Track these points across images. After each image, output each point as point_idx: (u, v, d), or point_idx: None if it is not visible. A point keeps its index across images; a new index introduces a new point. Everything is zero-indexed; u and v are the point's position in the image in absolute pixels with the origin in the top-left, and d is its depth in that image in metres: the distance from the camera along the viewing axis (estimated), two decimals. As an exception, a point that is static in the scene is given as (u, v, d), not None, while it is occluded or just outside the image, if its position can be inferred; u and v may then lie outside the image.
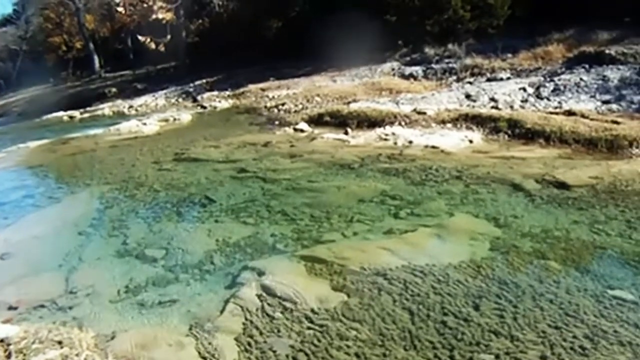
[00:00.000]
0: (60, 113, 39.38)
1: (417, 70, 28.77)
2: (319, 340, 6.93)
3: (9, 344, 6.61)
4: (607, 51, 24.11)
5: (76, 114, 38.05)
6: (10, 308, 8.79)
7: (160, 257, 10.22)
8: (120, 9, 53.71)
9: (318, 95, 26.12)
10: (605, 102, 19.51)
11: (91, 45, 59.34)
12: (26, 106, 54.19)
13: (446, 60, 28.79)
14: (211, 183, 14.87)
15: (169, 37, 45.40)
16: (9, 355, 6.41)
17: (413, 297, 7.71)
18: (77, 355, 6.36)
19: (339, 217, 11.19)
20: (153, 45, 45.50)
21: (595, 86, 21.03)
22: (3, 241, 12.35)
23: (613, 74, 21.59)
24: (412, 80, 27.69)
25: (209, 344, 7.16)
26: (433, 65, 28.75)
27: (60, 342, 6.62)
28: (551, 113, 18.64)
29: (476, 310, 7.40)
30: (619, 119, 17.10)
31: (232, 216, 12.06)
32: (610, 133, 15.46)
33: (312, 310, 7.64)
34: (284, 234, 10.64)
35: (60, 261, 10.75)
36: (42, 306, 8.82)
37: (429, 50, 30.05)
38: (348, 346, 6.73)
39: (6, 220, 14.27)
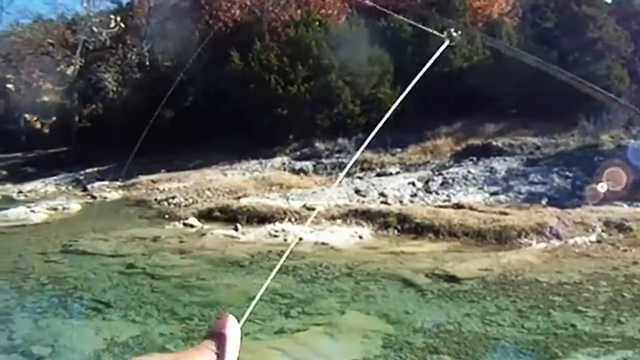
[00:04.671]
0: (-57, 193, 38.41)
1: (308, 165, 29.16)
2: None
3: None
4: (494, 143, 25.11)
5: (-40, 194, 37.15)
6: None
7: (47, 356, 9.92)
8: (10, 86, 52.86)
9: (209, 189, 26.15)
10: (493, 194, 20.15)
11: (-20, 124, 58.30)
12: None
13: (336, 155, 29.32)
14: (99, 278, 14.61)
15: (54, 118, 44.52)
16: None
17: (305, 398, 7.60)
18: None
19: (229, 317, 11.06)
20: (39, 125, 44.45)
21: (483, 178, 21.72)
22: None
23: (500, 166, 22.40)
24: (302, 175, 28.02)
25: None
26: (323, 160, 29.22)
27: None
28: (440, 207, 19.16)
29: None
30: (507, 210, 17.73)
31: (121, 314, 11.84)
32: (499, 224, 16.00)
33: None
34: (173, 333, 10.52)
35: (-60, 354, 10.41)
36: None
37: (320, 145, 30.52)
38: None
39: None
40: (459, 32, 2.34)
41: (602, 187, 19.39)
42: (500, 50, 13.70)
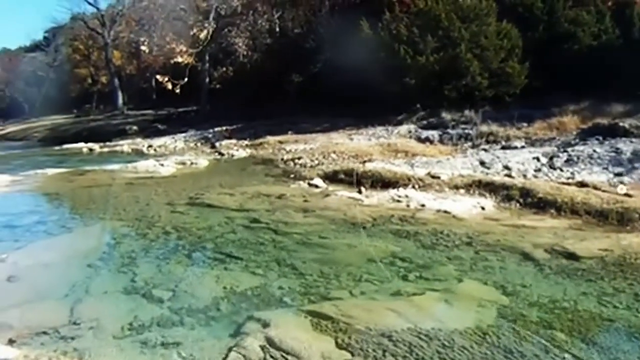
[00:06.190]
0: (80, 144, 39.54)
1: (433, 134, 28.96)
2: (319, 397, 6.54)
3: (8, 366, 6.50)
4: (620, 124, 24.27)
5: (96, 147, 38.21)
6: (11, 341, 8.51)
7: (167, 299, 10.12)
8: (144, 47, 53.89)
9: (334, 152, 26.20)
10: (617, 175, 19.52)
11: (116, 81, 59.44)
12: (47, 133, 54.35)
13: (462, 126, 28.98)
14: (223, 230, 14.84)
15: (186, 79, 45.26)
16: None
17: (417, 361, 7.52)
18: (74, 386, 6.24)
19: (347, 275, 11.09)
20: (170, 86, 45.14)
21: (608, 158, 21.06)
22: (12, 264, 12.39)
23: (626, 147, 21.66)
24: (427, 143, 27.81)
25: (210, 389, 6.81)
26: (449, 130, 28.92)
27: (58, 371, 6.52)
28: (563, 183, 18.60)
29: (480, 378, 7.24)
30: (631, 192, 17.13)
31: (241, 265, 11.99)
32: (622, 205, 15.43)
33: (315, 367, 7.33)
34: (291, 288, 10.54)
35: (66, 291, 10.72)
36: (45, 333, 8.71)
37: (446, 115, 30.28)
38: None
39: (17, 243, 14.30)
40: None
41: None
42: None
